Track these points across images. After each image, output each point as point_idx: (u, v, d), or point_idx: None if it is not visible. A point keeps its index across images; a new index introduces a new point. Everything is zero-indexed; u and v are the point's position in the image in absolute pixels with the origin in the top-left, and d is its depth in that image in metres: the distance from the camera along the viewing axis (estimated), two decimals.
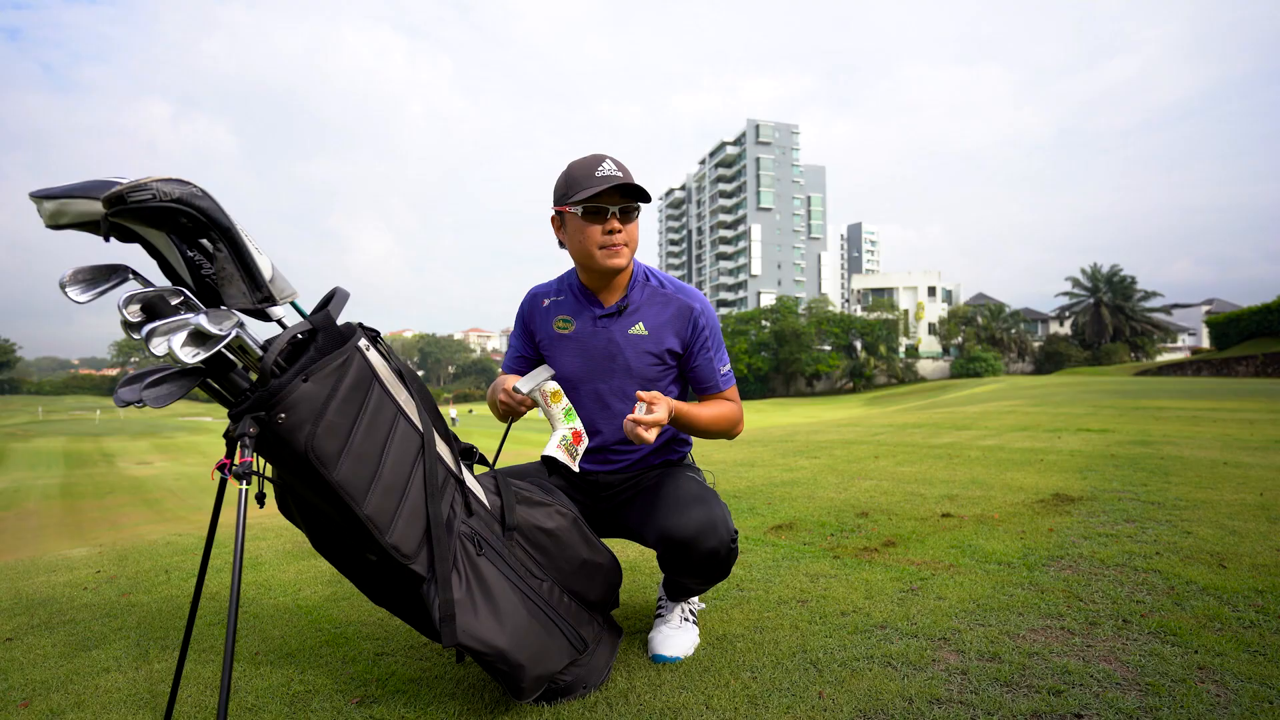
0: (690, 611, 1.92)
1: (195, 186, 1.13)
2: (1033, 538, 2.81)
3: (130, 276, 1.21)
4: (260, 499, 1.39)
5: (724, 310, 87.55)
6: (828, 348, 64.24)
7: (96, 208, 1.11)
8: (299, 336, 1.29)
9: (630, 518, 1.87)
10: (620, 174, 1.70)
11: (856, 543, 2.87)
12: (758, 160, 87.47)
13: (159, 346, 1.09)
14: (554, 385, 1.73)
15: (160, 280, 1.26)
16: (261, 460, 1.35)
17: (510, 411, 1.75)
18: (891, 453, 5.84)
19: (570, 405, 1.68)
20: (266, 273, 1.23)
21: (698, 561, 1.65)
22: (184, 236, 1.19)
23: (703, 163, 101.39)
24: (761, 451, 6.44)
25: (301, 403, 1.23)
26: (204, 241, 1.21)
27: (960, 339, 65.19)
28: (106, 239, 1.13)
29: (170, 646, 1.99)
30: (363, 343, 1.35)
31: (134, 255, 1.26)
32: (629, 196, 1.73)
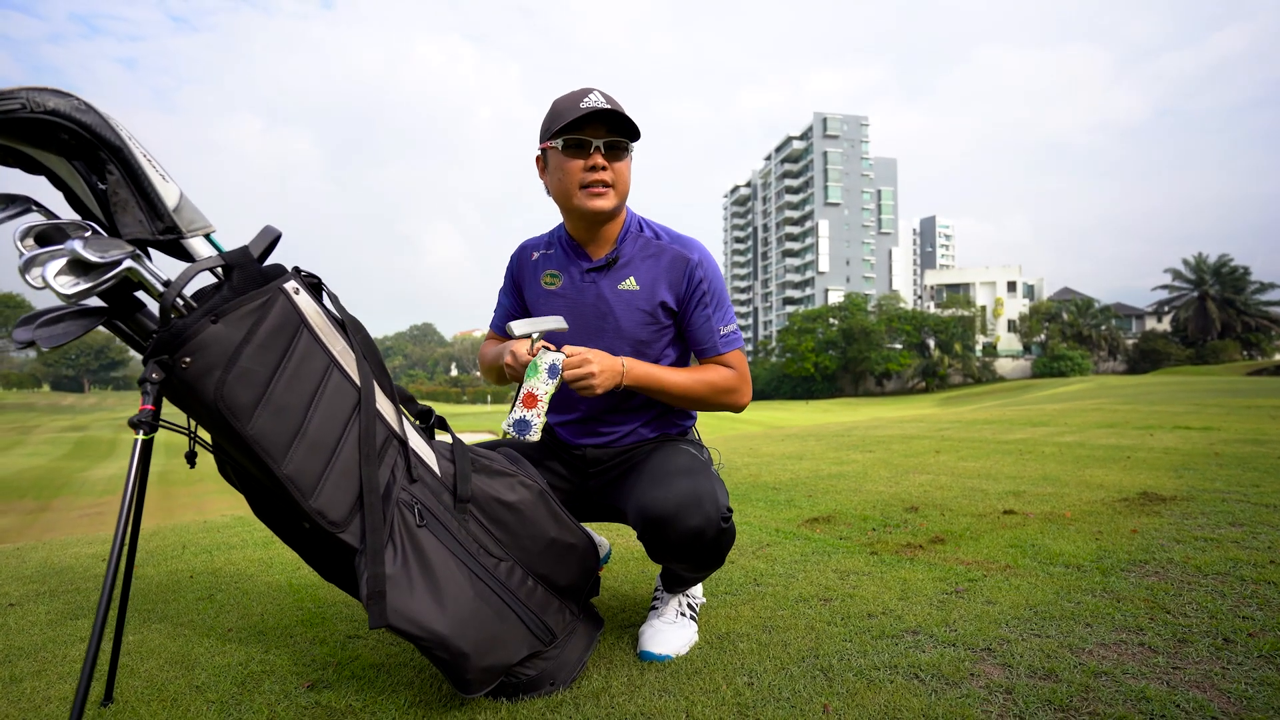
0: (689, 605, 1.70)
1: (78, 99, 1.01)
2: (1111, 539, 2.43)
3: (32, 208, 1.10)
4: (190, 458, 1.28)
5: (790, 308, 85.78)
6: (899, 346, 61.73)
7: None
8: (217, 275, 1.15)
9: (618, 497, 1.67)
10: (607, 105, 1.51)
11: (899, 539, 2.56)
12: (825, 154, 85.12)
13: (35, 278, 0.98)
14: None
15: (69, 214, 1.15)
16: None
17: (516, 376, 1.55)
18: (955, 448, 5.38)
19: (534, 359, 1.46)
20: (169, 201, 1.10)
21: (678, 542, 1.43)
22: (86, 163, 1.07)
23: (768, 159, 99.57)
24: (814, 445, 6.09)
25: (210, 345, 1.10)
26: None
27: (1043, 336, 61.32)
28: None
29: (153, 619, 1.93)
30: (290, 285, 1.20)
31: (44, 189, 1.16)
32: (617, 131, 1.54)
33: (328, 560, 1.39)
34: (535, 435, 1.45)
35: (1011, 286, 69.13)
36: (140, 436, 1.06)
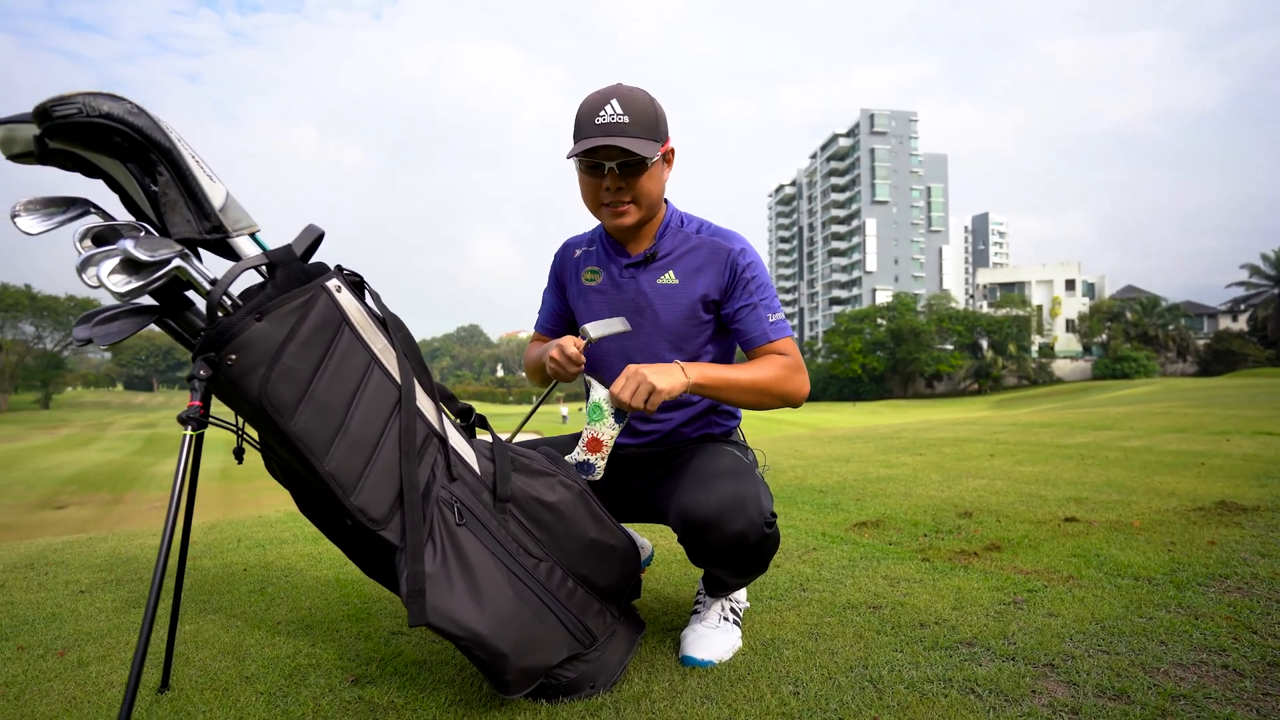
0: (733, 610, 1.66)
1: (130, 103, 1.04)
2: (1185, 550, 2.27)
3: (91, 210, 1.14)
4: (238, 454, 1.30)
5: (837, 308, 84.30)
6: (950, 347, 59.97)
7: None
8: (262, 273, 1.17)
9: (659, 498, 1.63)
10: (624, 118, 1.44)
11: (952, 545, 2.46)
12: (872, 151, 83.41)
13: (91, 277, 1.01)
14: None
15: (125, 216, 1.19)
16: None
17: (560, 374, 1.52)
18: (1010, 451, 5.17)
19: (596, 402, 1.45)
20: (216, 201, 1.12)
21: (720, 547, 1.39)
22: (140, 165, 1.10)
23: (814, 157, 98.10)
24: (861, 447, 5.94)
25: (254, 343, 1.11)
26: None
27: (1105, 336, 58.64)
28: (42, 161, 1.06)
29: (208, 610, 1.99)
30: (332, 283, 1.21)
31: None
32: (634, 147, 1.45)
33: (370, 557, 1.40)
34: (598, 476, 1.48)
35: (1070, 285, 66.40)
36: (188, 432, 1.09)
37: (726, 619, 1.63)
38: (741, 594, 1.72)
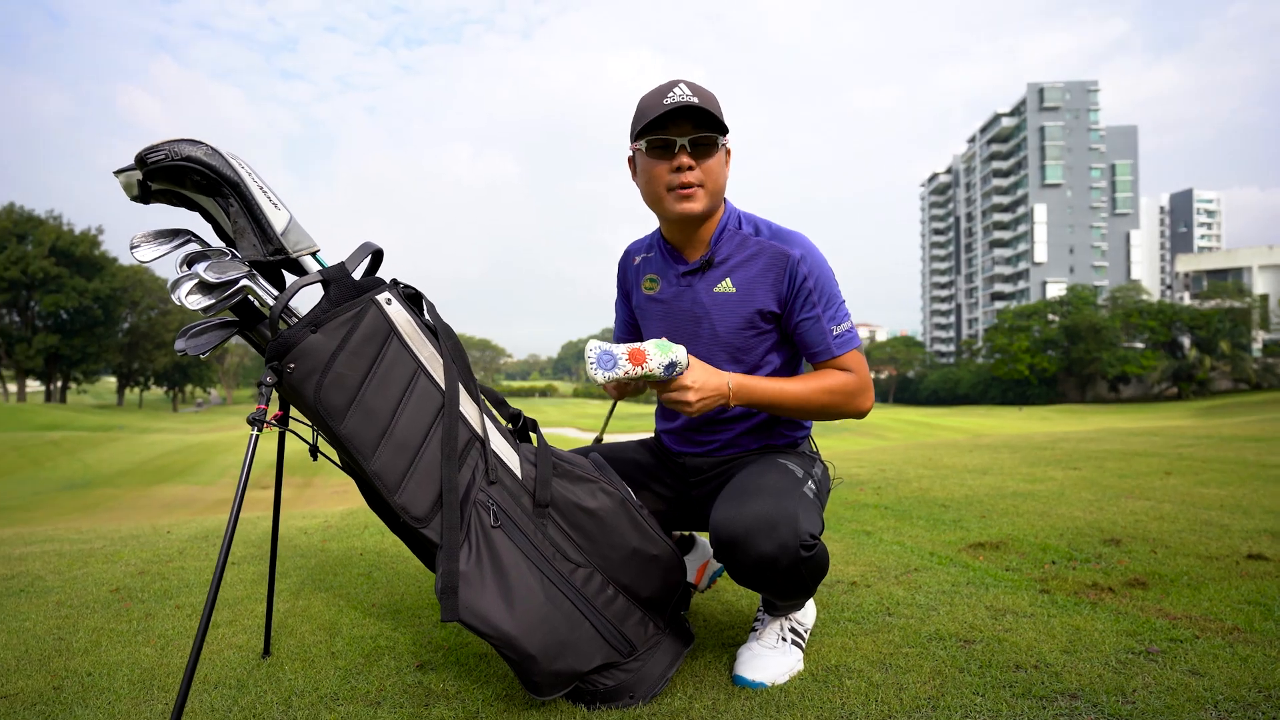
0: (793, 630, 1.56)
1: (208, 145, 1.19)
2: None
3: (191, 238, 1.32)
4: (313, 453, 1.44)
5: (999, 304, 76.96)
6: (1139, 345, 52.40)
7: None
8: (322, 286, 1.29)
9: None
10: (694, 99, 1.42)
11: (1084, 577, 2.13)
12: (1041, 130, 75.17)
13: (176, 297, 1.16)
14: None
15: (217, 243, 1.36)
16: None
17: (622, 388, 1.59)
18: (1194, 469, 4.39)
19: (674, 349, 1.37)
20: (278, 226, 1.25)
21: (750, 568, 1.31)
22: (223, 198, 1.25)
23: (972, 140, 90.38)
24: (1005, 458, 5.36)
25: (309, 353, 1.23)
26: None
27: None
28: (146, 201, 1.24)
29: (322, 589, 2.23)
30: (382, 296, 1.30)
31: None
32: (705, 126, 1.46)
33: (424, 551, 1.49)
34: (602, 376, 1.32)
35: None
36: (255, 433, 1.22)
37: (785, 639, 1.54)
38: (808, 613, 1.61)
